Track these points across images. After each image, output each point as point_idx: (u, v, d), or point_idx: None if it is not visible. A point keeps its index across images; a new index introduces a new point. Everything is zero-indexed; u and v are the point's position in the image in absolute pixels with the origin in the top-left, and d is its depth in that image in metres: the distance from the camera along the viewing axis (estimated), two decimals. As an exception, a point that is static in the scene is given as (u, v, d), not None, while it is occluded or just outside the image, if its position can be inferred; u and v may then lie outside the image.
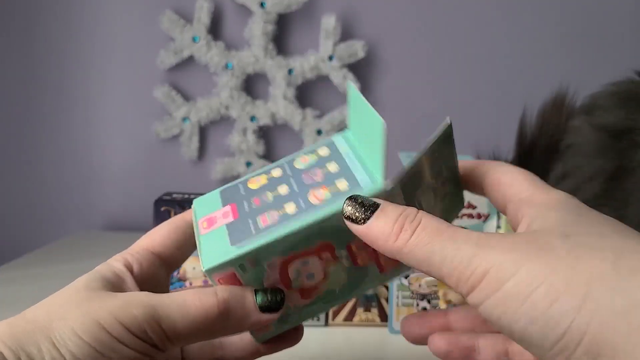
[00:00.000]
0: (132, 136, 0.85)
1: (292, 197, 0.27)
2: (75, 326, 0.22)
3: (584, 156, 0.49)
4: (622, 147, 0.46)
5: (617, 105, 0.49)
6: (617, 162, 0.46)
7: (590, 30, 0.86)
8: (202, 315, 0.24)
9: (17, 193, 0.85)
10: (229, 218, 0.27)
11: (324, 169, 0.28)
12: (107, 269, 0.27)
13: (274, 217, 0.26)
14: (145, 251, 0.29)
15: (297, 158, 0.29)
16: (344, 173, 0.27)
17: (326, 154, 0.29)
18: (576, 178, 0.49)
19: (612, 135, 0.47)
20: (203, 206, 0.29)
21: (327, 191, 0.27)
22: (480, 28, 0.86)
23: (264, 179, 0.29)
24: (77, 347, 0.22)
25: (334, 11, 0.81)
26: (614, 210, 0.46)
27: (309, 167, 0.28)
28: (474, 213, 0.47)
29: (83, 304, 0.23)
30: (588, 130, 0.49)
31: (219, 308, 0.24)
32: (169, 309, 0.24)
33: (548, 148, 0.55)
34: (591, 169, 0.48)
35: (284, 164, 0.29)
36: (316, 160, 0.29)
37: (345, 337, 0.45)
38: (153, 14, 0.81)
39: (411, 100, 0.86)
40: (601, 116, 0.49)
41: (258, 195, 0.28)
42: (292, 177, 0.28)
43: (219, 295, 0.25)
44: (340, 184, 0.27)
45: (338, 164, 0.28)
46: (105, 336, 0.23)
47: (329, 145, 0.30)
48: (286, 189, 0.27)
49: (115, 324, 0.23)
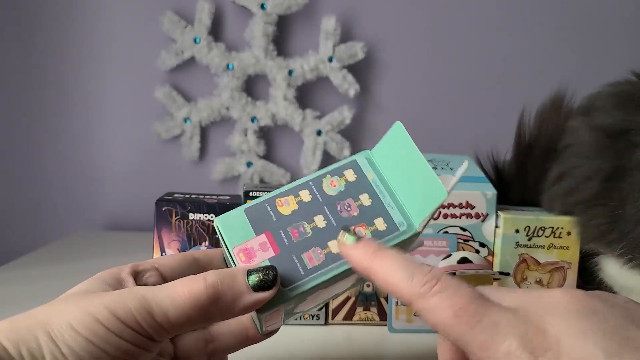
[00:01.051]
0: (133, 136, 0.85)
1: (333, 233, 0.28)
2: (72, 320, 0.23)
3: (581, 157, 0.49)
4: (619, 147, 0.46)
5: (614, 106, 0.49)
6: (614, 163, 0.46)
7: (590, 31, 0.86)
8: (192, 301, 0.24)
9: (18, 193, 0.85)
10: (269, 252, 0.27)
11: (358, 201, 0.29)
12: (107, 274, 0.27)
13: (320, 257, 0.27)
14: (152, 266, 0.29)
15: (323, 180, 0.30)
16: (379, 210, 0.29)
17: (353, 179, 0.30)
18: (573, 178, 0.49)
19: (610, 136, 0.47)
20: (230, 229, 0.28)
21: (368, 231, 0.28)
22: (480, 29, 0.86)
23: (292, 202, 0.29)
24: (74, 340, 0.23)
25: (333, 12, 0.81)
26: (610, 210, 0.46)
27: (341, 195, 0.29)
28: (473, 213, 0.47)
29: (81, 302, 0.24)
30: (586, 131, 0.49)
31: (208, 292, 0.24)
32: (160, 299, 0.24)
33: (547, 148, 0.55)
34: (589, 169, 0.48)
35: (311, 186, 0.30)
36: (345, 186, 0.30)
37: (344, 336, 0.46)
38: (154, 15, 0.81)
39: (410, 101, 0.86)
40: (599, 117, 0.49)
41: (293, 224, 0.28)
42: (325, 206, 0.29)
43: (208, 280, 0.25)
44: (379, 224, 0.28)
45: (370, 196, 0.29)
46: (100, 329, 0.23)
47: (354, 167, 0.30)
48: (323, 220, 0.28)
49: (110, 317, 0.23)
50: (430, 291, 0.21)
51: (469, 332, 0.20)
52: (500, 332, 0.19)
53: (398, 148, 0.30)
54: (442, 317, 0.21)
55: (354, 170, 0.30)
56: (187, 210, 0.47)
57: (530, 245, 0.48)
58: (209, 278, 0.25)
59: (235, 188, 0.86)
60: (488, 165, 0.60)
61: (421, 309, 0.21)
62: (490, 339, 0.19)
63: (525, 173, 0.56)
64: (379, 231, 0.28)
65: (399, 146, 0.30)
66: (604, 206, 0.46)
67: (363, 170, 0.30)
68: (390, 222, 0.28)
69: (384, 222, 0.28)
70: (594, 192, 0.47)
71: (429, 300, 0.21)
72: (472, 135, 0.70)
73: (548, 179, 0.53)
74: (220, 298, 0.25)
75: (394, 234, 0.28)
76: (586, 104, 0.53)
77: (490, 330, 0.19)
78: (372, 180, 0.30)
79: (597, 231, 0.47)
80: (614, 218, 0.45)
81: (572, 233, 0.48)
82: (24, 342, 0.22)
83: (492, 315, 0.20)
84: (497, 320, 0.20)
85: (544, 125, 0.55)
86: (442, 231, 0.47)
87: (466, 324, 0.20)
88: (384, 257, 0.23)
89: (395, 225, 0.28)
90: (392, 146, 0.30)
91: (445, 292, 0.21)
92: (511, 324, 0.19)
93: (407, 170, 0.29)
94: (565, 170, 0.51)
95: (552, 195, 0.52)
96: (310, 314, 0.47)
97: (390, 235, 0.28)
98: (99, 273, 0.28)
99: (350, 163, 0.31)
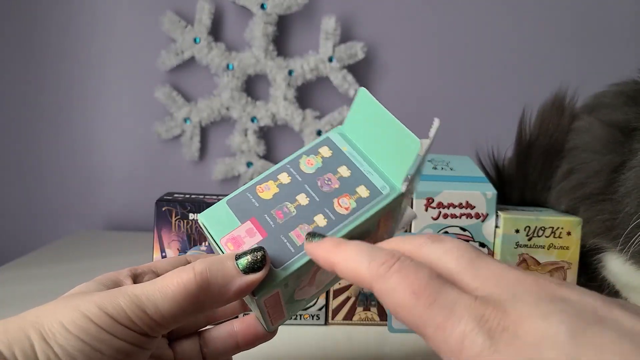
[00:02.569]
0: (134, 136, 0.85)
1: (317, 208, 0.28)
2: (64, 320, 0.23)
3: (592, 152, 0.49)
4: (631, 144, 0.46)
5: (625, 103, 0.49)
6: (625, 158, 0.46)
7: (590, 31, 0.86)
8: (182, 292, 0.24)
9: (18, 193, 0.85)
10: (256, 236, 0.27)
11: (337, 174, 0.29)
12: (105, 277, 0.27)
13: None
14: (149, 269, 0.30)
15: (300, 160, 0.30)
16: (359, 178, 0.29)
17: (329, 154, 0.30)
18: (583, 173, 0.49)
19: (624, 132, 0.47)
20: (215, 222, 0.28)
21: (352, 200, 0.28)
22: (480, 29, 0.86)
23: (273, 186, 0.29)
24: (65, 340, 0.23)
25: (333, 13, 0.81)
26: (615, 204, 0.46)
27: (319, 171, 0.29)
28: (473, 213, 0.47)
29: (72, 301, 0.24)
30: (598, 127, 0.49)
31: (197, 280, 0.24)
32: (150, 293, 0.24)
33: (547, 148, 0.55)
34: (599, 163, 0.48)
35: (289, 168, 0.30)
36: (322, 162, 0.30)
37: (344, 336, 0.45)
38: (154, 15, 0.81)
39: (411, 101, 0.86)
40: (610, 114, 0.49)
41: (276, 206, 0.28)
42: (306, 184, 0.29)
43: (196, 269, 0.25)
44: (361, 191, 0.28)
45: (348, 167, 0.29)
46: (92, 327, 0.23)
47: (328, 144, 0.30)
48: (305, 198, 0.28)
49: (101, 314, 0.23)
50: (389, 271, 0.20)
51: (426, 312, 0.19)
52: (457, 313, 0.18)
53: (367, 114, 0.30)
54: (401, 298, 0.20)
55: (328, 146, 0.30)
56: (187, 210, 0.47)
57: (530, 245, 0.48)
58: (197, 267, 0.25)
59: (235, 188, 0.86)
60: (489, 164, 0.60)
61: (380, 290, 0.21)
62: (446, 320, 0.18)
63: (525, 172, 0.56)
64: (362, 198, 0.28)
65: (368, 112, 0.30)
66: (609, 201, 0.46)
67: (337, 145, 0.30)
68: (373, 187, 0.29)
69: (366, 189, 0.28)
70: (601, 185, 0.47)
71: (388, 280, 0.20)
72: (472, 134, 0.70)
73: (556, 176, 0.53)
74: (210, 285, 0.25)
75: (377, 198, 0.28)
76: (592, 103, 0.53)
77: (446, 310, 0.19)
78: (348, 152, 0.30)
79: (602, 226, 0.47)
80: (617, 213, 0.45)
81: (572, 233, 0.48)
82: (16, 343, 0.22)
83: (450, 295, 0.19)
84: (455, 300, 0.19)
85: (545, 125, 0.55)
86: (442, 231, 0.47)
87: (423, 304, 0.19)
88: (346, 247, 0.23)
89: (377, 189, 0.28)
90: (361, 114, 0.30)
91: (403, 271, 0.20)
92: (469, 305, 0.19)
93: (379, 134, 0.29)
94: (575, 166, 0.51)
95: (559, 191, 0.52)
96: (310, 314, 0.47)
97: (374, 201, 0.28)
98: (97, 277, 0.28)
99: (324, 140, 0.31)
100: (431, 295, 0.19)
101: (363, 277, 0.21)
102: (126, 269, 0.29)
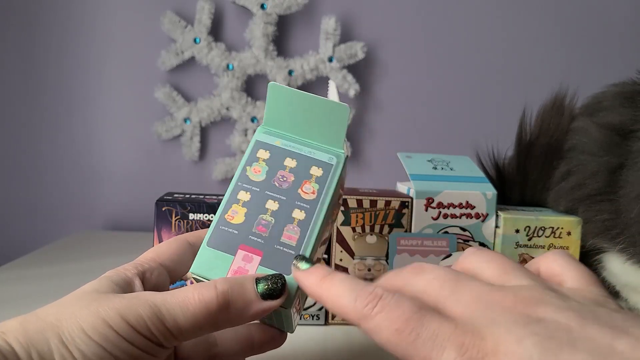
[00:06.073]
0: (133, 137, 0.85)
1: (290, 205, 0.29)
2: (84, 325, 0.23)
3: (590, 154, 0.49)
4: (628, 145, 0.46)
5: (622, 104, 0.49)
6: (622, 159, 0.46)
7: (590, 31, 0.86)
8: (203, 309, 0.24)
9: (18, 193, 0.85)
10: (254, 259, 0.28)
11: (286, 168, 0.30)
12: (116, 274, 0.27)
13: (296, 229, 0.28)
14: (154, 262, 0.29)
15: (247, 173, 0.31)
16: (306, 161, 0.31)
17: (267, 155, 0.31)
18: (581, 174, 0.49)
19: (620, 134, 0.47)
20: (209, 268, 0.28)
21: (313, 183, 0.30)
22: (480, 28, 0.86)
23: (239, 208, 0.29)
24: (85, 345, 0.23)
25: (333, 13, 0.81)
26: (614, 204, 0.46)
27: (270, 173, 0.30)
28: (473, 213, 0.47)
29: (92, 304, 0.24)
30: (595, 129, 0.49)
31: (218, 301, 0.25)
32: (170, 306, 0.24)
33: (547, 147, 0.55)
34: (597, 165, 0.48)
35: (242, 185, 0.30)
36: (267, 165, 0.31)
37: (344, 336, 0.45)
38: (154, 15, 0.81)
39: (410, 101, 0.86)
40: (607, 116, 0.49)
41: (255, 224, 0.29)
42: (266, 191, 0.30)
43: (218, 288, 0.25)
44: (315, 172, 0.30)
45: (291, 157, 0.31)
46: (112, 334, 0.23)
47: (261, 146, 0.32)
48: (274, 203, 0.29)
49: (122, 322, 0.23)
50: (372, 311, 0.21)
51: (410, 347, 0.20)
52: (438, 344, 0.20)
53: (284, 104, 0.31)
54: (386, 336, 0.21)
55: (262, 148, 0.31)
56: (187, 210, 0.47)
57: (531, 246, 0.48)
58: (220, 286, 0.25)
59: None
60: (489, 164, 0.60)
61: (367, 329, 0.22)
62: (430, 352, 0.20)
63: (525, 172, 0.56)
64: (319, 177, 0.30)
65: (284, 101, 0.31)
66: (609, 201, 0.46)
67: (269, 142, 0.32)
68: (323, 164, 0.31)
69: (318, 168, 0.30)
70: (599, 186, 0.47)
71: (372, 320, 0.21)
72: (472, 134, 0.70)
73: (555, 177, 0.53)
74: (230, 306, 0.25)
75: (331, 171, 0.30)
76: (591, 103, 0.53)
77: (430, 343, 0.20)
78: (282, 144, 0.31)
79: (601, 226, 0.47)
80: (617, 213, 0.45)
81: (572, 233, 0.48)
82: (34, 344, 0.22)
83: (430, 328, 0.20)
84: (436, 333, 0.20)
85: (545, 125, 0.55)
86: (442, 231, 0.47)
87: (406, 340, 0.20)
88: (332, 282, 0.24)
89: (327, 163, 0.31)
90: (278, 106, 0.32)
91: (385, 310, 0.21)
92: (449, 335, 0.20)
93: (304, 115, 0.31)
94: (573, 167, 0.51)
95: (558, 192, 0.52)
96: (310, 314, 0.47)
97: (329, 174, 0.30)
98: (107, 272, 0.27)
99: (255, 145, 0.32)
100: (414, 331, 0.20)
101: (349, 316, 0.23)
102: (132, 263, 0.28)
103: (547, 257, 0.25)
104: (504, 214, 0.48)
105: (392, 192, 0.50)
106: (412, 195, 0.47)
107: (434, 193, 0.47)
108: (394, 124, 0.85)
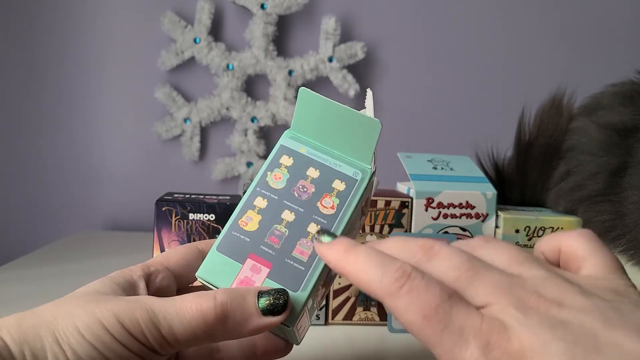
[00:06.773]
0: (133, 137, 0.85)
1: (306, 218, 0.28)
2: (79, 324, 0.23)
3: (589, 154, 0.49)
4: (629, 144, 0.46)
5: (621, 103, 0.49)
6: (622, 159, 0.46)
7: (590, 31, 0.86)
8: (199, 319, 0.24)
9: (18, 193, 0.85)
10: (262, 271, 0.27)
11: (308, 178, 0.29)
12: (120, 275, 0.27)
13: (309, 245, 0.27)
14: (162, 265, 0.29)
15: (267, 179, 0.30)
16: (330, 173, 0.29)
17: (291, 162, 0.30)
18: (580, 175, 0.49)
19: (620, 133, 0.47)
20: (216, 273, 0.27)
21: (333, 197, 0.28)
22: (479, 28, 0.86)
23: (254, 215, 0.28)
24: (79, 345, 0.22)
25: (333, 13, 0.81)
26: (615, 206, 0.46)
27: (290, 182, 0.29)
28: (473, 213, 0.47)
29: (89, 304, 0.24)
30: (594, 129, 0.49)
31: (216, 312, 0.24)
32: (167, 313, 0.24)
33: (546, 147, 0.55)
34: (597, 165, 0.48)
35: (260, 191, 0.29)
36: (289, 172, 0.29)
37: (344, 336, 0.45)
38: (154, 15, 0.81)
39: (410, 101, 0.86)
40: (606, 115, 0.49)
41: (267, 233, 0.28)
42: (284, 200, 0.28)
43: (218, 299, 0.24)
44: (338, 185, 0.28)
45: (315, 167, 0.29)
46: (106, 336, 0.23)
47: (285, 152, 0.30)
48: (290, 214, 0.28)
49: (117, 325, 0.23)
50: (400, 290, 0.21)
51: (436, 336, 0.20)
52: (464, 339, 0.19)
53: (314, 111, 0.30)
54: (411, 319, 0.20)
55: (286, 154, 0.30)
56: (187, 210, 0.47)
57: (530, 246, 0.48)
58: (219, 297, 0.24)
59: (235, 188, 0.86)
60: (488, 164, 0.60)
61: (392, 307, 0.21)
62: (454, 346, 0.19)
63: (525, 172, 0.56)
64: (341, 192, 0.28)
65: (314, 109, 0.30)
66: (609, 202, 0.46)
67: (294, 149, 0.30)
68: (346, 177, 0.29)
69: (341, 182, 0.29)
70: (600, 187, 0.47)
71: (399, 300, 0.21)
72: (472, 134, 0.70)
73: (554, 177, 0.53)
74: (228, 318, 0.24)
75: (355, 186, 0.29)
76: (590, 103, 0.53)
77: (455, 336, 0.19)
78: (307, 152, 0.30)
79: (602, 227, 0.47)
80: (618, 214, 0.45)
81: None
82: (27, 341, 0.22)
83: (458, 320, 0.20)
84: (463, 326, 0.19)
85: (544, 125, 0.56)
86: (442, 231, 0.47)
87: (433, 328, 0.20)
88: (357, 255, 0.23)
89: (351, 178, 0.29)
90: (307, 112, 0.30)
91: (414, 292, 0.20)
92: (476, 330, 0.19)
93: (333, 125, 0.30)
94: (572, 167, 0.51)
95: (557, 192, 0.52)
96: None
97: (353, 189, 0.29)
98: (112, 273, 0.27)
99: (279, 150, 0.30)
100: (441, 321, 0.20)
101: (375, 291, 0.22)
102: (139, 265, 0.28)
103: (570, 236, 0.24)
104: (504, 214, 0.48)
105: (392, 192, 0.50)
106: (412, 195, 0.47)
107: (434, 193, 0.47)
108: (394, 124, 0.85)
